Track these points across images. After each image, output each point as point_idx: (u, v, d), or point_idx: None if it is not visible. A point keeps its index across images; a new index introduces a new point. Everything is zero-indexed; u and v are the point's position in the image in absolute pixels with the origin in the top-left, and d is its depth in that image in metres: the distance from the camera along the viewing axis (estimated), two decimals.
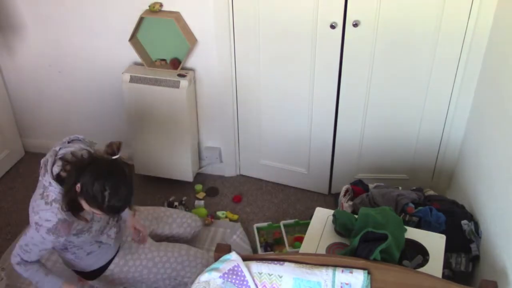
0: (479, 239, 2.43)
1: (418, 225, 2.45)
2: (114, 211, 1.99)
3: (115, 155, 2.05)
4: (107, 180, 1.93)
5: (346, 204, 2.75)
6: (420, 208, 2.53)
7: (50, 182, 2.02)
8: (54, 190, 2.02)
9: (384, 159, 3.10)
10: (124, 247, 2.44)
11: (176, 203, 3.13)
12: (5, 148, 3.45)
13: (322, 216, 2.29)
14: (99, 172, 1.95)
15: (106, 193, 1.92)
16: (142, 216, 2.60)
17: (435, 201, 2.69)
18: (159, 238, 2.65)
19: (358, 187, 2.87)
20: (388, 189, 2.73)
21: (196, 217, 2.77)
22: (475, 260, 2.42)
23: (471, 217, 2.53)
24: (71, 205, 2.00)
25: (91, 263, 2.33)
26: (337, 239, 2.16)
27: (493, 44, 2.51)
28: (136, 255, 2.42)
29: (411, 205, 2.56)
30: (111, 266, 2.38)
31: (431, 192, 2.90)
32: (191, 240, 2.74)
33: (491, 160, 2.34)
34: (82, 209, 2.03)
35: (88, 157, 2.03)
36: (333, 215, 2.23)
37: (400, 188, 2.79)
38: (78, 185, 1.95)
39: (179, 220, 2.69)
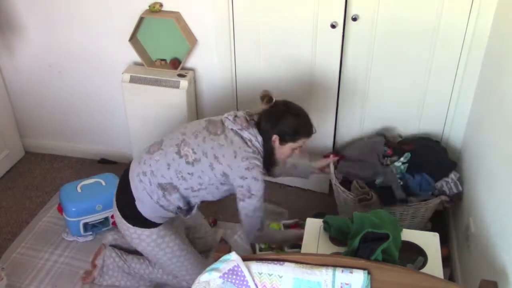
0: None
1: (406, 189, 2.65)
2: (312, 129, 2.26)
3: (272, 99, 2.23)
4: (291, 113, 2.20)
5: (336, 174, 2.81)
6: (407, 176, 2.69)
7: (256, 137, 2.20)
8: (258, 145, 2.20)
9: None
10: (175, 225, 2.47)
11: None
12: (5, 148, 3.45)
13: (314, 226, 2.24)
14: (279, 114, 2.20)
15: (301, 121, 2.21)
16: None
17: (408, 143, 2.84)
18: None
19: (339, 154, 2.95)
20: (359, 143, 2.92)
21: (215, 237, 2.83)
22: (461, 180, 2.71)
23: (445, 151, 2.85)
24: (268, 163, 2.26)
25: (158, 215, 2.30)
26: (333, 249, 2.13)
27: (493, 43, 2.51)
28: (174, 236, 2.40)
29: (387, 148, 2.78)
30: (153, 230, 2.34)
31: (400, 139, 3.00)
32: None
33: (491, 160, 2.34)
34: (274, 165, 2.30)
35: (261, 115, 2.25)
36: (324, 221, 2.21)
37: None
38: (274, 136, 2.19)
39: (203, 235, 2.74)
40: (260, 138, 2.20)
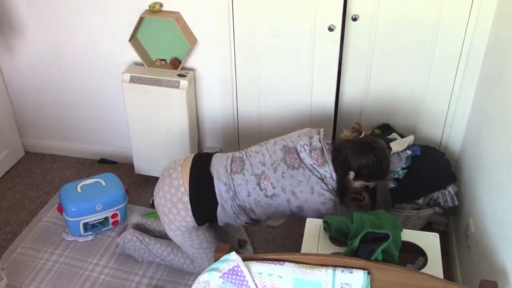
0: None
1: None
2: (389, 174, 2.36)
3: (361, 134, 2.33)
4: (374, 155, 2.24)
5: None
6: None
7: (331, 175, 2.26)
8: (333, 183, 2.27)
9: None
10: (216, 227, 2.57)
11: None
12: (5, 148, 3.45)
13: (314, 226, 2.25)
14: (362, 152, 2.24)
15: (381, 166, 2.26)
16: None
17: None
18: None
19: None
20: None
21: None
22: (457, 194, 2.70)
23: (448, 163, 2.81)
24: (341, 194, 2.34)
25: (228, 220, 2.42)
26: (333, 249, 2.14)
27: (493, 43, 2.51)
28: (206, 229, 2.49)
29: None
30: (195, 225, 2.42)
31: None
32: None
33: (491, 160, 2.34)
34: (346, 195, 2.37)
35: (343, 145, 2.29)
36: (324, 221, 2.21)
37: None
38: (351, 172, 2.25)
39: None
40: (335, 176, 2.27)
